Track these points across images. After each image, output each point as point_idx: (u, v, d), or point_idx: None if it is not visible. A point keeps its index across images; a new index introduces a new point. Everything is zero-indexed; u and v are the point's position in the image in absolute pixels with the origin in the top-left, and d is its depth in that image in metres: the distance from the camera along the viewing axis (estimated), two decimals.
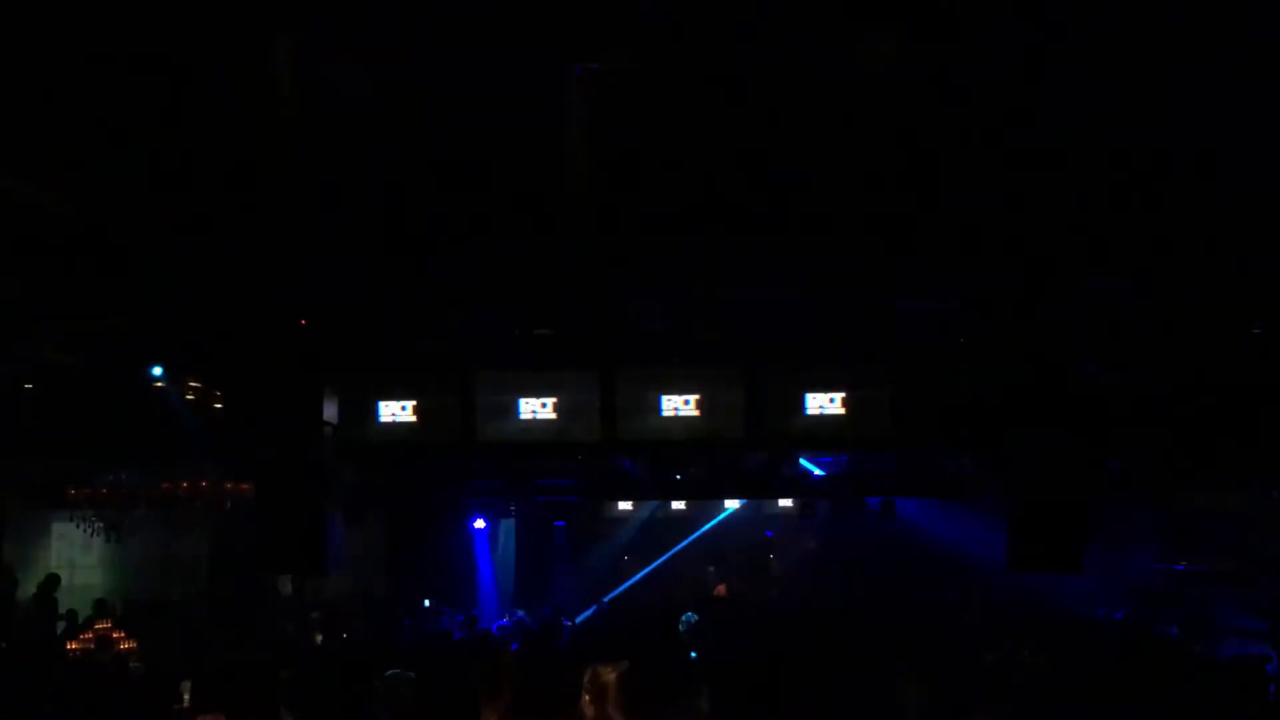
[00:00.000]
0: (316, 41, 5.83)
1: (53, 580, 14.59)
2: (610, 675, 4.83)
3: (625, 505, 22.89)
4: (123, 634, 12.67)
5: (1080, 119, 6.75)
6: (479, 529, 19.66)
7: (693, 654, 10.41)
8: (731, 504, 22.05)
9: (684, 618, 11.85)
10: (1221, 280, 8.68)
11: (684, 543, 23.11)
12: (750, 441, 10.97)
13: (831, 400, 10.88)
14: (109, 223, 8.31)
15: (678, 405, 11.05)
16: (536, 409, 11.14)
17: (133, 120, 6.93)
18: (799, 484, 17.06)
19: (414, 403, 11.16)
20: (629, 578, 22.84)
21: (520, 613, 16.35)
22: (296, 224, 8.11)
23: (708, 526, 22.91)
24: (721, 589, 20.59)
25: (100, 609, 14.12)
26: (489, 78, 6.09)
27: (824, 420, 10.87)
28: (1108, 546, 14.65)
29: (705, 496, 20.48)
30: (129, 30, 5.80)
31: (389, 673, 6.26)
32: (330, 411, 10.98)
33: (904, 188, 7.70)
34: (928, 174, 7.53)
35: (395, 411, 11.22)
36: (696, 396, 11.00)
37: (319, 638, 12.03)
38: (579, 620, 16.91)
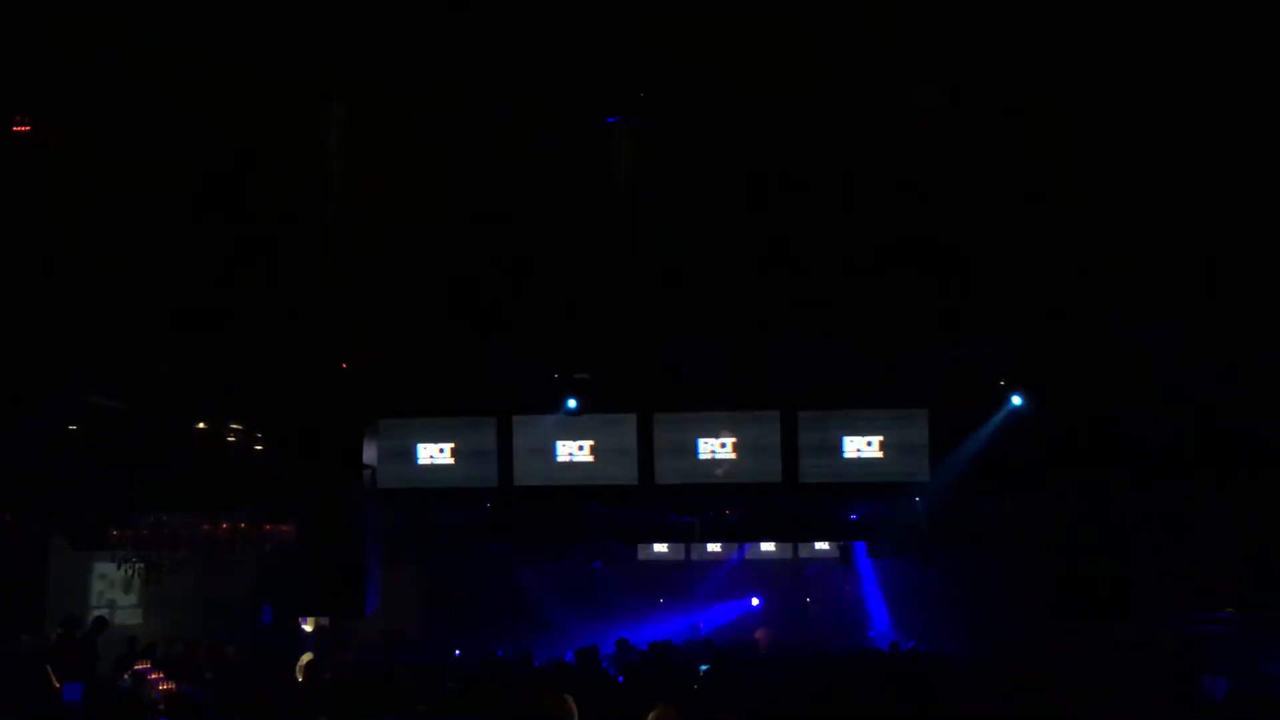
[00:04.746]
0: (369, 102, 5.97)
1: (99, 623, 14.69)
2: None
3: (660, 547, 22.76)
4: (161, 674, 12.75)
5: (1126, 168, 6.77)
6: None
7: None
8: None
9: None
10: (1266, 326, 8.61)
11: None
12: (787, 485, 10.94)
13: (869, 444, 10.87)
14: (155, 270, 8.46)
15: (715, 449, 11.08)
16: (574, 452, 11.21)
17: (182, 168, 7.09)
18: (837, 527, 16.94)
19: (452, 445, 11.27)
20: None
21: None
22: (339, 273, 8.25)
23: None
24: (761, 635, 20.16)
25: (137, 648, 14.19)
26: (536, 129, 6.20)
27: (861, 464, 10.87)
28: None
29: (742, 539, 20.35)
30: (187, 86, 5.96)
31: None
32: (370, 454, 11.07)
33: (943, 234, 7.72)
34: (968, 220, 7.55)
35: (434, 454, 11.32)
36: (734, 440, 11.03)
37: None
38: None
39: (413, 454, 11.34)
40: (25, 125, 6.61)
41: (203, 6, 5.61)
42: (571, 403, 10.79)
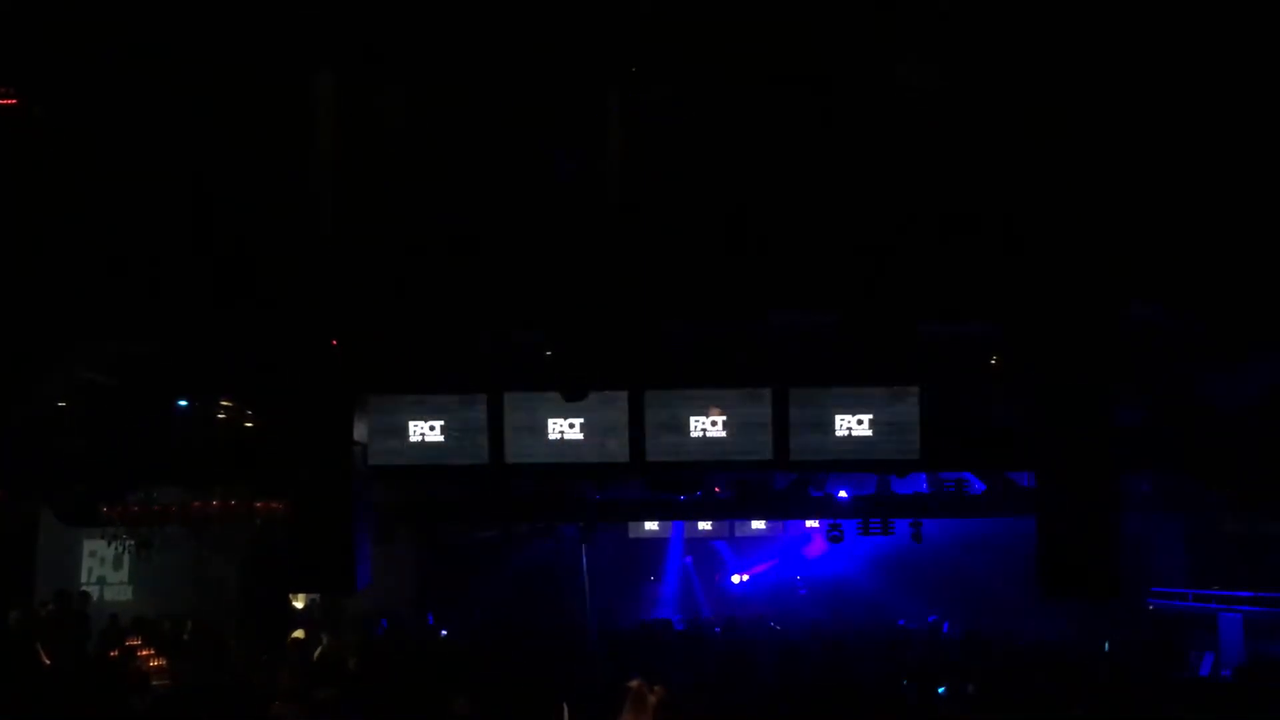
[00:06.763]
0: (357, 74, 5.92)
1: (83, 598, 14.70)
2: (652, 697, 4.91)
3: (651, 525, 22.82)
4: (152, 651, 12.76)
5: (1122, 137, 6.74)
6: None
7: None
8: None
9: None
10: (1254, 305, 8.62)
11: None
12: (778, 463, 10.95)
13: (860, 422, 10.87)
14: (146, 246, 8.42)
15: (706, 426, 11.08)
16: (565, 429, 11.20)
17: (168, 147, 7.04)
18: (826, 505, 17.04)
19: (443, 422, 11.25)
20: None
21: None
22: (328, 245, 8.20)
23: None
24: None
25: (121, 624, 14.19)
26: (525, 102, 6.16)
27: (851, 442, 10.87)
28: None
29: (732, 516, 20.42)
30: (176, 61, 5.91)
31: None
32: (360, 431, 11.02)
33: (936, 210, 7.70)
34: (961, 196, 7.53)
35: (424, 431, 11.30)
36: (725, 418, 11.02)
37: (351, 661, 12.07)
38: None
39: (404, 430, 11.32)
40: (11, 98, 6.54)
41: None
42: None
